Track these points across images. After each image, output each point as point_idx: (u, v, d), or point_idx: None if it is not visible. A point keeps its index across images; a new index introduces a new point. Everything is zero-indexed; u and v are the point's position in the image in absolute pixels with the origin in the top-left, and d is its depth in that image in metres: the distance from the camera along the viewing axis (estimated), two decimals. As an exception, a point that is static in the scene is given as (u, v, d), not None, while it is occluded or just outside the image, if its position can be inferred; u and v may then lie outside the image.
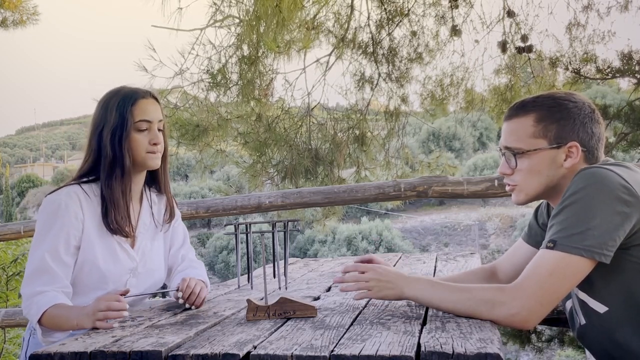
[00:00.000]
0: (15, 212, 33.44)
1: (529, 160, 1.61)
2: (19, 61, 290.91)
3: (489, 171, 26.20)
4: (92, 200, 1.89)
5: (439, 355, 1.16)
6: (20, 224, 3.99)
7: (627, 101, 4.82)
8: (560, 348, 6.23)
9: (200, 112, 5.32)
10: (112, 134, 1.87)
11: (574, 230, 1.43)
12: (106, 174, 1.88)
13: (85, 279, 1.86)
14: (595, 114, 1.62)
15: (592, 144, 1.60)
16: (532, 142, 1.60)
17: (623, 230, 1.43)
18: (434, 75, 6.09)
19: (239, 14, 5.07)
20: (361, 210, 26.84)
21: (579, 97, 1.64)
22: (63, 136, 74.72)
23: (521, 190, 1.65)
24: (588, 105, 1.62)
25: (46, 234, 1.82)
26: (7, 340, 5.14)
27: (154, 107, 1.94)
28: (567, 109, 1.60)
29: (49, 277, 1.79)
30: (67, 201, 1.84)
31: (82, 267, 1.86)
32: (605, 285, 1.52)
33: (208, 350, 1.26)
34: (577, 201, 1.45)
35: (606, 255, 1.43)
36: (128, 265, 1.92)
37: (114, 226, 1.87)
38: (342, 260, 2.97)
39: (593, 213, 1.43)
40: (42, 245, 1.82)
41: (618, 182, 1.45)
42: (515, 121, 1.64)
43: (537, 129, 1.60)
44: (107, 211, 1.87)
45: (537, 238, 1.79)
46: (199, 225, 28.81)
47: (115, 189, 1.88)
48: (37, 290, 1.77)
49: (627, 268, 1.48)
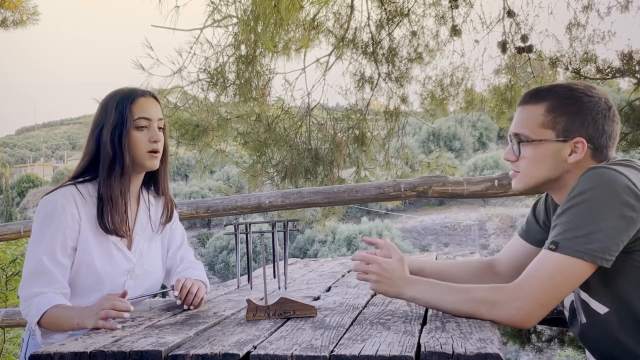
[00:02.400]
0: (15, 212, 33.45)
1: (533, 149, 1.59)
2: (19, 61, 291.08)
3: (489, 171, 26.21)
4: (88, 201, 1.88)
5: (439, 355, 1.16)
6: (20, 224, 4.00)
7: (627, 101, 4.81)
8: (560, 348, 6.23)
9: (200, 112, 5.32)
10: (111, 133, 1.86)
11: (578, 232, 1.42)
12: (105, 173, 1.87)
13: (81, 281, 1.86)
14: (611, 112, 1.58)
15: (601, 141, 1.56)
16: (540, 132, 1.58)
17: (627, 234, 1.42)
18: (434, 75, 6.09)
19: (236, 13, 5.07)
20: (361, 210, 26.84)
21: (597, 92, 1.59)
22: (63, 136, 74.70)
23: (521, 179, 1.63)
24: (605, 101, 1.58)
25: (43, 235, 1.82)
26: (7, 340, 5.14)
27: (154, 106, 1.93)
28: (581, 102, 1.56)
29: (47, 279, 1.79)
30: (63, 202, 1.83)
31: (79, 269, 1.85)
32: (606, 287, 1.51)
33: (208, 350, 1.26)
34: (582, 202, 1.43)
35: (608, 260, 1.41)
36: (124, 267, 1.91)
37: (109, 226, 1.86)
38: (342, 260, 2.97)
39: (598, 216, 1.41)
40: (39, 246, 1.81)
41: (626, 185, 1.42)
42: (527, 108, 1.62)
43: (547, 119, 1.57)
44: (103, 211, 1.86)
45: (536, 235, 1.78)
46: (199, 225, 28.82)
47: (114, 188, 1.87)
48: (35, 292, 1.76)
49: (629, 272, 1.47)
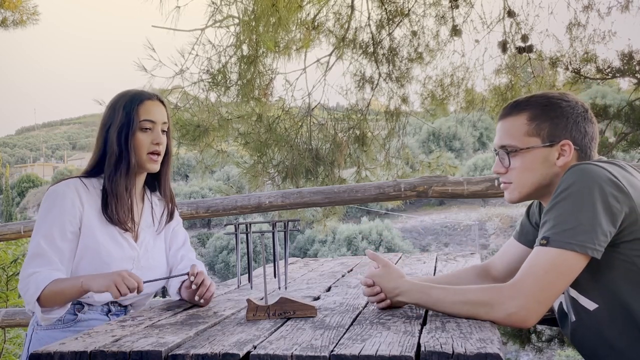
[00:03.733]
0: (15, 212, 33.46)
1: (522, 158, 1.62)
2: (19, 61, 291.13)
3: (489, 171, 26.18)
4: (92, 192, 1.94)
5: (439, 355, 1.16)
6: (20, 224, 4.00)
7: (627, 101, 4.82)
8: (560, 348, 6.23)
9: (201, 113, 5.32)
10: (118, 132, 1.92)
11: (566, 226, 1.44)
12: (111, 170, 1.93)
13: (87, 266, 1.89)
14: (589, 114, 1.64)
15: (585, 142, 1.62)
16: (526, 140, 1.62)
17: (613, 225, 1.44)
18: (434, 75, 6.10)
19: (238, 13, 5.07)
20: (361, 210, 26.84)
21: (572, 97, 1.65)
22: (63, 136, 74.75)
23: (515, 189, 1.66)
24: (581, 104, 1.64)
25: (43, 221, 1.88)
26: (7, 340, 5.14)
27: (159, 109, 1.99)
28: (560, 107, 1.62)
29: (43, 260, 1.83)
30: (64, 190, 1.90)
31: (84, 254, 1.88)
32: (594, 282, 1.53)
33: (208, 350, 1.26)
34: (567, 197, 1.46)
35: (598, 250, 1.44)
36: (129, 253, 1.95)
37: (114, 217, 1.91)
38: (342, 260, 2.97)
39: (583, 208, 1.44)
40: (39, 232, 1.88)
41: (607, 177, 1.46)
42: (509, 120, 1.66)
43: (531, 127, 1.62)
44: (107, 202, 1.91)
45: (529, 237, 1.80)
46: (199, 225, 28.82)
47: (119, 184, 1.92)
48: (31, 272, 1.81)
49: (616, 265, 1.49)
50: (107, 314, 1.94)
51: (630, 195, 1.46)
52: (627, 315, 1.50)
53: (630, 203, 1.45)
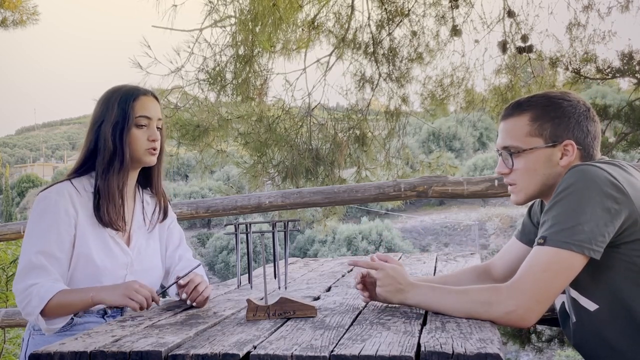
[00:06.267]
0: (15, 212, 33.44)
1: (526, 159, 1.62)
2: (19, 61, 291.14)
3: (489, 171, 26.18)
4: (83, 195, 1.91)
5: (439, 355, 1.16)
6: (20, 224, 4.00)
7: (627, 101, 4.82)
8: (560, 348, 6.23)
9: (200, 113, 5.33)
10: (113, 128, 1.90)
11: (564, 225, 1.45)
12: (104, 167, 1.90)
13: (80, 274, 1.87)
14: (590, 112, 1.64)
15: (587, 142, 1.62)
16: (528, 140, 1.62)
17: (612, 226, 1.44)
18: (434, 75, 6.10)
19: (234, 12, 5.07)
20: (361, 210, 26.83)
21: (574, 96, 1.65)
22: (63, 136, 74.71)
23: (520, 190, 1.66)
24: (583, 103, 1.64)
25: (36, 232, 1.84)
26: (7, 340, 5.13)
27: (154, 105, 1.98)
28: (562, 107, 1.62)
29: (41, 271, 1.80)
30: (56, 198, 1.86)
31: (77, 262, 1.87)
32: (595, 282, 1.53)
33: (208, 350, 1.26)
34: (567, 197, 1.47)
35: (596, 250, 1.44)
36: (123, 260, 1.93)
37: (105, 218, 1.89)
38: (342, 260, 2.97)
39: (582, 208, 1.44)
40: (32, 242, 1.84)
41: (606, 178, 1.46)
42: (511, 121, 1.66)
43: (533, 127, 1.62)
44: (99, 204, 1.89)
45: (531, 236, 1.80)
46: (199, 225, 28.80)
47: (111, 182, 1.90)
48: (30, 283, 1.78)
49: (616, 266, 1.49)
50: (103, 317, 1.94)
51: (629, 196, 1.46)
52: (627, 316, 1.50)
53: (630, 204, 1.46)
